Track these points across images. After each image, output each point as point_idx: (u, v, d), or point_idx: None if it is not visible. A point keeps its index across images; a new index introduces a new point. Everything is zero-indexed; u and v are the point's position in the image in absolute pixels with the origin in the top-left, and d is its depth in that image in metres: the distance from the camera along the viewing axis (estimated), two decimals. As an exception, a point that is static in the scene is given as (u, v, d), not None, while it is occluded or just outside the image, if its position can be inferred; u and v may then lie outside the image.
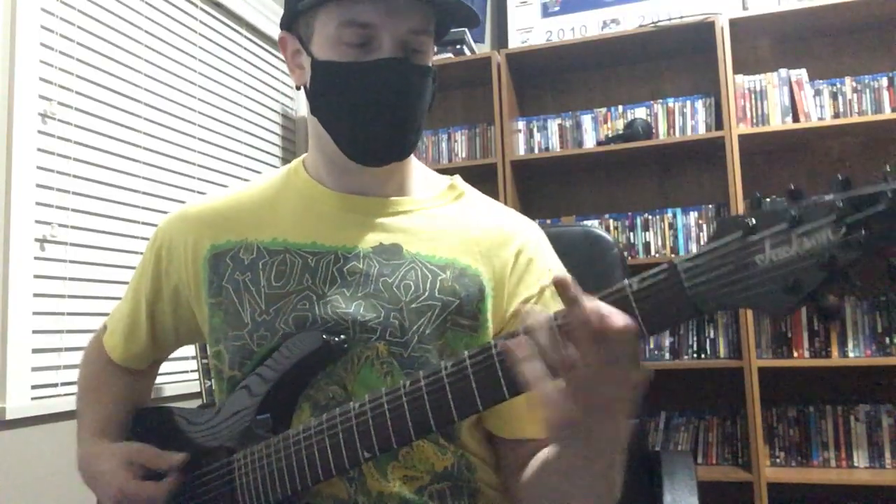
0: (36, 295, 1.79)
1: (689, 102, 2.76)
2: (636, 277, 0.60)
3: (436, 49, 0.92)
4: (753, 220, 0.55)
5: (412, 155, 0.93)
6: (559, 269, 0.92)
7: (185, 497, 0.88)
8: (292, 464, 0.78)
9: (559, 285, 0.59)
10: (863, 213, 0.50)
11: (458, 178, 0.97)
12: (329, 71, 0.83)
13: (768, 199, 0.56)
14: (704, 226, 2.69)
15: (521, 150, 2.92)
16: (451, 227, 0.90)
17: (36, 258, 1.79)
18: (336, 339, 0.81)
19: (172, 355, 1.11)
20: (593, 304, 0.59)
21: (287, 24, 0.88)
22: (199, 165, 2.43)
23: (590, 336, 0.57)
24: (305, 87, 0.87)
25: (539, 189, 3.01)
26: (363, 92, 0.82)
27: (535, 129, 2.93)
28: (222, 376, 0.90)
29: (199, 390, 2.24)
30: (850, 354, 2.47)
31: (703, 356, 2.63)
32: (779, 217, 0.54)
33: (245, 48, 2.75)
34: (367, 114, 0.82)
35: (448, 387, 0.67)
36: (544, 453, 0.79)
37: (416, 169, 0.96)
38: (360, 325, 0.82)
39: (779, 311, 0.54)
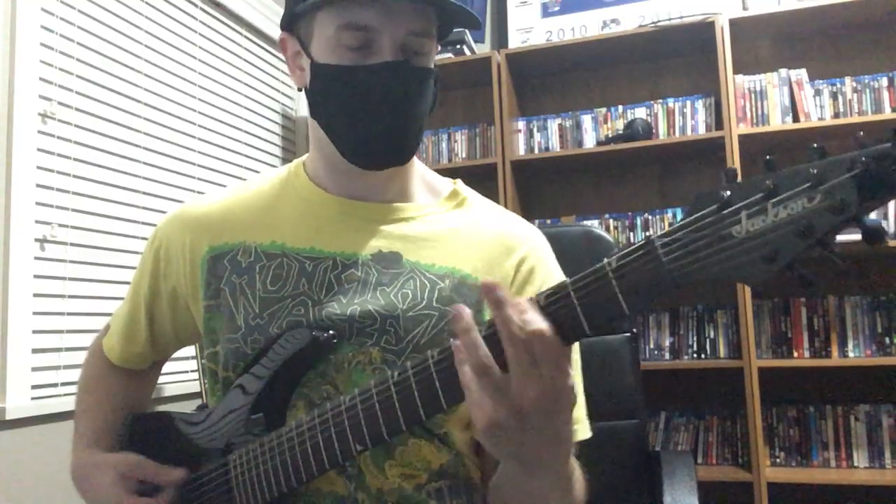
0: (36, 295, 1.79)
1: (689, 102, 2.76)
2: (615, 256, 0.61)
3: (438, 47, 0.91)
4: (728, 193, 0.55)
5: (415, 158, 0.93)
6: (559, 279, 0.92)
7: (183, 501, 0.88)
8: (286, 461, 0.78)
9: (485, 289, 0.61)
10: (837, 179, 0.50)
11: (460, 184, 0.97)
12: (328, 74, 0.82)
13: (748, 180, 0.56)
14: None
15: (521, 150, 2.92)
16: (452, 235, 0.89)
17: (36, 258, 1.79)
18: (325, 334, 0.81)
19: (173, 355, 1.11)
20: (517, 306, 0.61)
21: (287, 25, 0.88)
22: (199, 165, 2.43)
23: (509, 336, 0.60)
24: (306, 89, 0.87)
25: (539, 189, 3.01)
26: (362, 96, 0.81)
27: (535, 129, 2.93)
28: (217, 377, 0.90)
29: (199, 390, 2.25)
30: (850, 354, 2.47)
31: (703, 356, 2.63)
32: (754, 188, 0.54)
33: (245, 48, 2.75)
34: (367, 118, 0.82)
35: (436, 375, 0.68)
36: None
37: (418, 172, 0.95)
38: (357, 330, 0.82)
39: (757, 281, 0.54)
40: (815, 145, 0.52)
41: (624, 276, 0.59)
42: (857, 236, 0.50)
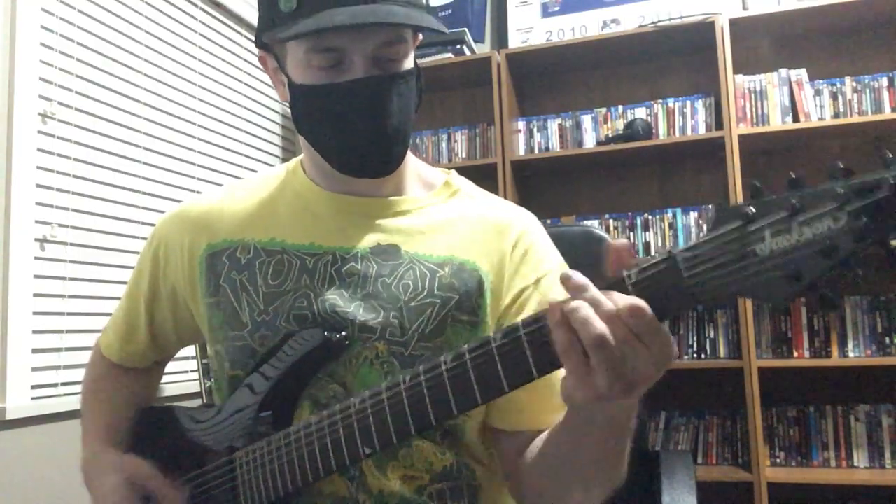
0: (36, 295, 1.79)
1: (689, 102, 2.76)
2: (635, 268, 0.60)
3: (420, 37, 0.89)
4: (753, 209, 0.54)
5: (408, 153, 0.93)
6: (556, 259, 0.92)
7: (188, 496, 0.88)
8: (293, 461, 0.78)
9: (563, 281, 0.60)
10: (864, 200, 0.49)
11: (453, 174, 0.97)
12: (305, 94, 0.82)
13: (773, 197, 0.55)
14: (704, 226, 2.69)
15: (521, 150, 2.92)
16: (447, 224, 0.90)
17: (36, 258, 1.79)
18: (337, 335, 0.82)
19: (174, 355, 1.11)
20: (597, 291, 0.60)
21: (261, 44, 0.87)
22: (199, 165, 2.43)
23: (610, 315, 0.58)
24: (289, 104, 0.87)
25: (539, 189, 3.01)
26: (339, 114, 0.81)
27: (535, 129, 2.93)
28: (223, 375, 0.90)
29: (199, 390, 2.25)
30: (850, 354, 2.47)
31: (703, 356, 2.63)
32: (779, 205, 0.53)
33: (245, 48, 2.75)
34: (347, 135, 0.82)
35: (448, 381, 0.67)
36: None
37: (412, 167, 0.95)
38: (360, 326, 0.82)
39: (779, 301, 0.54)
40: (842, 165, 0.51)
41: (643, 290, 0.59)
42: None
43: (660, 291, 0.58)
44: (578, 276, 0.60)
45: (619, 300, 0.58)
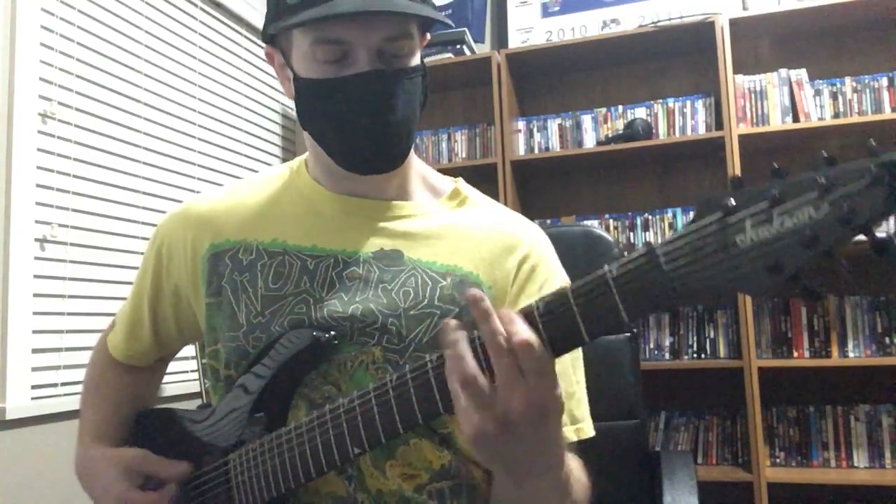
0: (36, 295, 1.79)
1: (689, 102, 2.76)
2: (615, 262, 0.59)
3: (428, 37, 0.89)
4: (733, 200, 0.53)
5: (414, 155, 0.93)
6: (562, 277, 0.92)
7: (183, 498, 0.88)
8: (285, 461, 0.78)
9: (470, 300, 0.60)
10: (845, 188, 0.48)
11: (461, 182, 0.97)
12: (309, 88, 0.82)
13: (754, 188, 0.54)
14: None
15: (521, 150, 2.92)
16: (453, 233, 0.89)
17: (36, 258, 1.80)
18: (326, 335, 0.81)
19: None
20: (505, 317, 0.60)
21: (268, 39, 0.87)
22: (199, 165, 2.43)
23: (495, 348, 0.58)
24: (294, 100, 0.87)
25: (539, 189, 3.01)
26: (344, 108, 0.81)
27: (535, 129, 2.93)
28: (219, 376, 0.90)
29: (198, 390, 2.25)
30: (850, 354, 2.47)
31: (703, 356, 2.63)
32: (760, 196, 0.52)
33: (245, 48, 2.75)
34: (352, 129, 0.82)
35: (433, 379, 0.67)
36: None
37: (418, 171, 0.95)
38: (358, 329, 0.82)
39: (761, 292, 0.53)
40: (825, 153, 0.50)
41: (624, 284, 0.58)
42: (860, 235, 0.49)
43: (641, 285, 0.57)
44: (486, 302, 0.60)
45: (516, 333, 0.58)
